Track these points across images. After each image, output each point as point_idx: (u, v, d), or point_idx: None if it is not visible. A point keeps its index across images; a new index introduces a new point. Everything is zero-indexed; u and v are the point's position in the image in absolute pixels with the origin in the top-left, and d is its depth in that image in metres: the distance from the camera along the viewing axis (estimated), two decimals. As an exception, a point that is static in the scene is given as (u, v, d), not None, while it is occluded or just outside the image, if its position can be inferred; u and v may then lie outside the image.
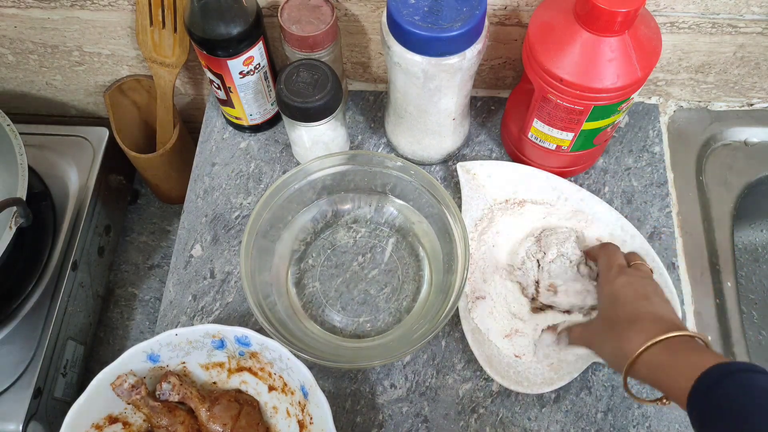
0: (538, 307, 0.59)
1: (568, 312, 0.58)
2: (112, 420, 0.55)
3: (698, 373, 0.40)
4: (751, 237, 0.80)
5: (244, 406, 0.56)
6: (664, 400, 0.45)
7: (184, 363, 0.56)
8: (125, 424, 0.55)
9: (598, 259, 0.56)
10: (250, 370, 0.57)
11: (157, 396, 0.55)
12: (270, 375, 0.56)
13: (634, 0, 0.48)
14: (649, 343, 0.44)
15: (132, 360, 0.54)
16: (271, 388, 0.57)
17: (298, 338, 0.55)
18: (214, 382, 0.58)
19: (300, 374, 0.52)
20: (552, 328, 0.58)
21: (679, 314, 0.57)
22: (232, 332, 0.54)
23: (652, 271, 0.55)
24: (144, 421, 0.56)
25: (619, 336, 0.47)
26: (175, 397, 0.55)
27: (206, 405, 0.55)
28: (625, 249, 0.59)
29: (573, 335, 0.55)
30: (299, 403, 0.54)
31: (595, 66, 0.52)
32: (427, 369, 0.59)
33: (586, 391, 0.58)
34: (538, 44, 0.54)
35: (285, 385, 0.55)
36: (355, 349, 0.59)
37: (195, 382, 0.58)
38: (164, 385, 0.55)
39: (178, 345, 0.55)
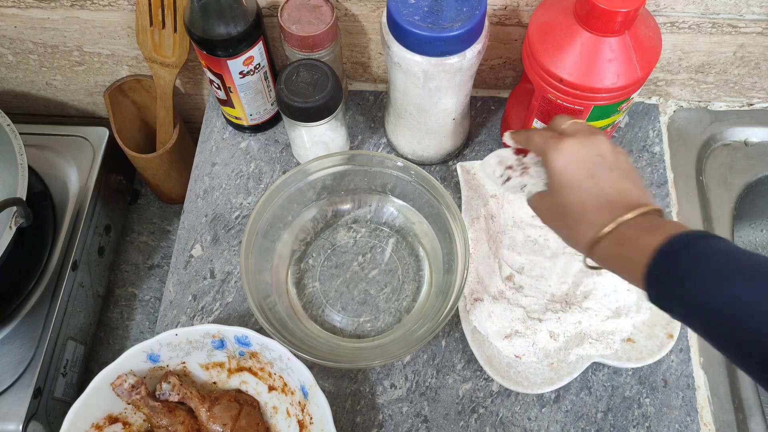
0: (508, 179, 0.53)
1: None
2: (112, 420, 0.55)
3: (647, 257, 0.38)
4: (752, 237, 0.80)
5: (244, 406, 0.56)
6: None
7: (184, 363, 0.56)
8: (125, 424, 0.55)
9: (536, 137, 0.48)
10: (250, 370, 0.57)
11: (157, 396, 0.55)
12: (270, 375, 0.56)
13: (634, 0, 0.48)
14: (597, 236, 0.41)
15: (132, 360, 0.54)
16: (271, 388, 0.57)
17: (298, 338, 0.55)
18: (214, 382, 0.58)
19: (300, 374, 0.52)
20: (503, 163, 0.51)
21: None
22: (232, 332, 0.54)
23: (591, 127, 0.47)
24: (144, 421, 0.56)
25: (570, 227, 0.44)
26: (175, 397, 0.55)
27: (206, 405, 0.55)
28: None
29: (531, 201, 0.50)
30: (299, 403, 0.54)
31: (595, 66, 0.52)
32: (427, 369, 0.59)
33: (586, 391, 0.58)
34: (538, 44, 0.54)
35: (285, 385, 0.55)
36: (355, 350, 0.59)
37: (195, 382, 0.58)
38: (164, 385, 0.55)
39: (178, 345, 0.55)
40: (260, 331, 0.54)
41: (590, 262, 0.44)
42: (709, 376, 0.58)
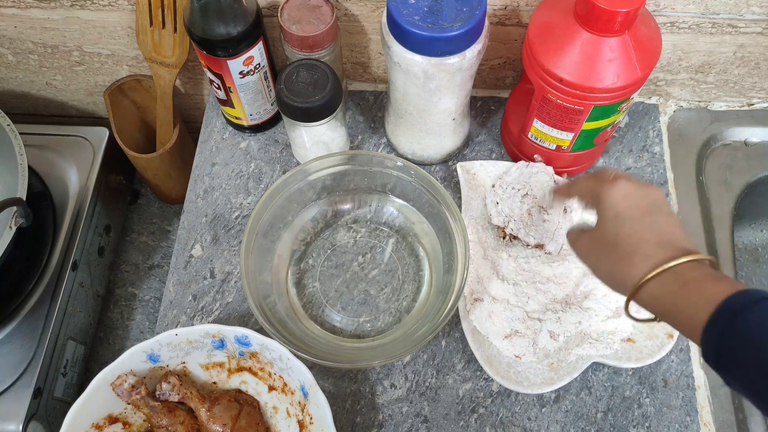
0: (504, 236, 0.62)
1: (539, 247, 0.61)
2: (112, 420, 0.55)
3: (714, 306, 0.35)
4: (752, 237, 0.80)
5: (244, 406, 0.56)
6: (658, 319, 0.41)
7: (184, 363, 0.56)
8: (125, 424, 0.55)
9: (583, 182, 0.48)
10: (250, 370, 0.57)
11: (157, 396, 0.55)
12: (270, 375, 0.56)
13: (634, 0, 0.48)
14: (655, 272, 0.39)
15: (132, 360, 0.54)
16: (271, 388, 0.57)
17: (298, 338, 0.55)
18: (214, 382, 0.58)
19: (300, 374, 0.52)
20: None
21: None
22: (232, 332, 0.54)
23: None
24: (144, 421, 0.56)
25: (621, 259, 0.41)
26: (175, 397, 0.55)
27: (206, 405, 0.55)
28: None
29: (570, 238, 0.49)
30: (299, 403, 0.54)
31: (595, 66, 0.52)
32: (427, 369, 0.59)
33: (586, 391, 0.58)
34: (538, 44, 0.54)
35: (285, 385, 0.55)
36: (355, 349, 0.59)
37: (195, 382, 0.58)
38: (164, 385, 0.55)
39: (178, 345, 0.55)
40: (260, 331, 0.54)
41: (632, 307, 0.42)
42: (709, 376, 0.58)
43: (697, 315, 0.36)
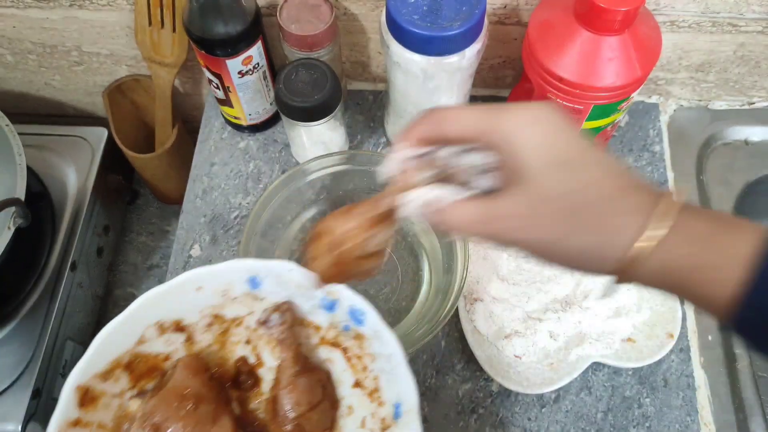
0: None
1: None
2: (179, 328, 0.47)
3: (747, 262, 0.26)
4: (752, 236, 0.80)
5: (325, 399, 0.46)
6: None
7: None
8: (189, 339, 0.47)
9: (447, 118, 0.32)
10: (345, 350, 0.47)
11: (260, 321, 0.47)
12: (365, 369, 0.46)
13: (634, -2, 0.48)
14: (660, 231, 0.27)
15: (231, 273, 0.45)
16: (357, 384, 0.47)
17: (298, 338, 0.55)
18: (300, 344, 0.48)
19: (403, 389, 0.42)
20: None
21: (678, 313, 0.57)
22: (350, 300, 0.45)
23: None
24: (211, 344, 0.48)
25: (588, 226, 0.28)
26: (276, 334, 0.46)
27: (297, 368, 0.45)
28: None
29: (465, 213, 0.31)
30: (383, 420, 0.44)
31: (594, 65, 0.51)
32: (426, 369, 0.59)
33: (586, 392, 0.57)
34: (537, 43, 0.54)
35: (377, 390, 0.45)
36: (355, 350, 0.59)
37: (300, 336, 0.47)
38: (274, 316, 0.46)
39: (286, 282, 0.46)
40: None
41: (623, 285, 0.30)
42: (710, 376, 0.58)
43: (726, 278, 0.27)
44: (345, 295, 0.45)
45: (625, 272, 0.28)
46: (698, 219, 0.28)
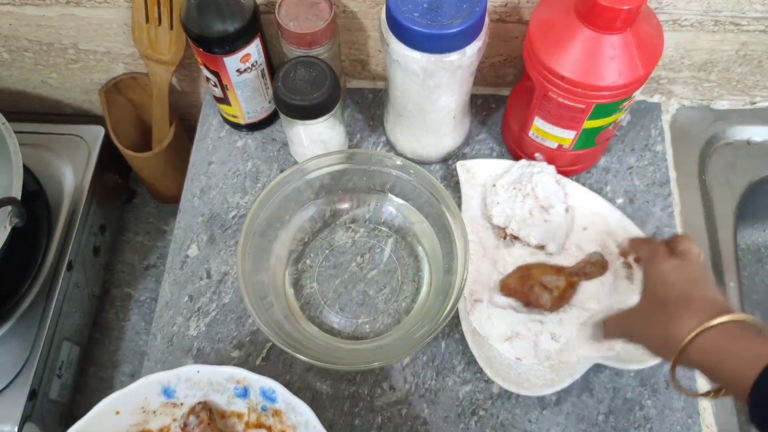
0: (505, 236, 0.61)
1: (540, 248, 0.60)
2: None
3: (763, 363, 0.36)
4: (754, 237, 0.80)
5: None
6: (713, 393, 0.43)
7: (201, 404, 0.52)
8: None
9: (640, 247, 0.53)
10: (270, 429, 0.52)
11: (180, 426, 0.51)
12: None
13: (637, -4, 0.47)
14: (704, 326, 0.40)
15: (146, 390, 0.50)
16: None
17: (296, 339, 0.54)
18: None
19: None
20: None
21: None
22: (258, 382, 0.49)
23: (700, 253, 0.51)
24: None
25: (668, 318, 0.43)
26: None
27: None
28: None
29: (608, 326, 0.52)
30: None
31: (596, 64, 0.51)
32: (426, 371, 0.58)
33: (587, 393, 0.57)
34: (539, 41, 0.53)
35: None
36: (354, 351, 0.59)
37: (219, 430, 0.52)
38: (192, 418, 0.50)
39: (198, 383, 0.50)
40: (287, 386, 0.49)
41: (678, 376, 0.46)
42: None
43: (745, 371, 0.37)
44: (253, 379, 0.49)
45: (682, 349, 0.41)
46: (743, 330, 0.40)
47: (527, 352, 0.56)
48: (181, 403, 0.51)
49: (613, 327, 0.52)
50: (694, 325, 0.41)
